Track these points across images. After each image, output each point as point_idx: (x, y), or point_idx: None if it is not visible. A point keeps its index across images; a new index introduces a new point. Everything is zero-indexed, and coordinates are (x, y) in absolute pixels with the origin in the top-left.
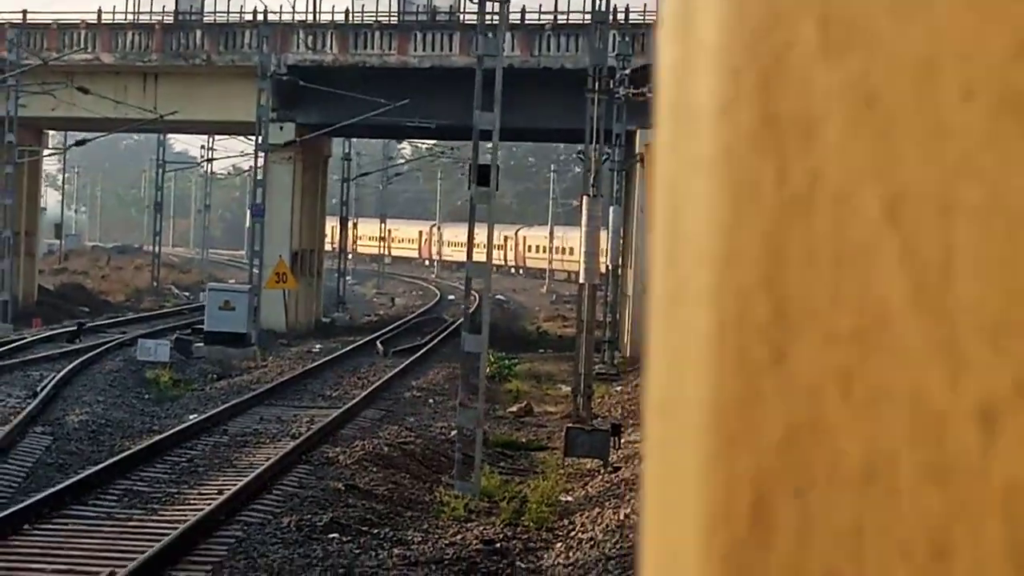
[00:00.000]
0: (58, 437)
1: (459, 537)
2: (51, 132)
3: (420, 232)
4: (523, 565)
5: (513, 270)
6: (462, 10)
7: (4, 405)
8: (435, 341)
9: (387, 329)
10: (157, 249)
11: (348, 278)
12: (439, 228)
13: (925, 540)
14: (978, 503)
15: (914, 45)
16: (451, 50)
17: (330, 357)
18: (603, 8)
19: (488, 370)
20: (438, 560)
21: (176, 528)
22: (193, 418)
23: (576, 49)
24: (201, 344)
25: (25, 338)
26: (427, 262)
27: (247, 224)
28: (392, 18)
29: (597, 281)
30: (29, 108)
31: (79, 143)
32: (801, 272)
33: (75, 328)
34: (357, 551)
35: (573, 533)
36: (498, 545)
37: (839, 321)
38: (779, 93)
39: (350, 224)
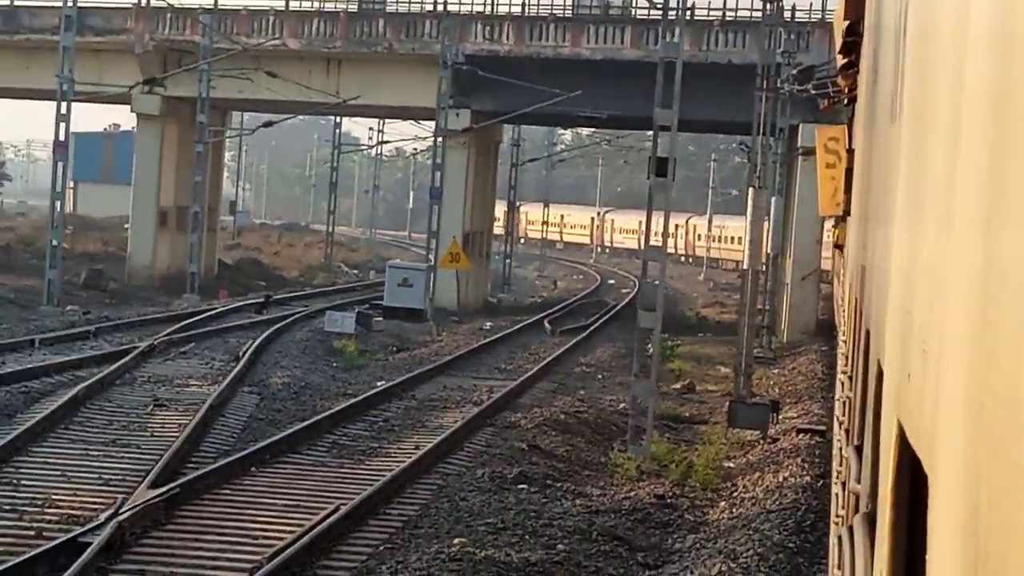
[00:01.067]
0: (264, 396)
1: (633, 493)
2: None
3: (592, 219)
4: (691, 518)
5: (683, 258)
6: (635, 5)
7: (211, 367)
8: (600, 322)
9: (552, 310)
10: (331, 228)
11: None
12: (608, 215)
13: None
14: None
15: None
16: (622, 43)
17: (501, 334)
18: (773, 10)
19: (650, 351)
20: (616, 510)
21: (384, 476)
22: (382, 384)
23: (743, 45)
24: (380, 318)
25: (216, 308)
26: (598, 248)
27: (410, 205)
28: (567, 11)
29: (760, 268)
30: (218, 90)
31: (267, 124)
32: None
33: (262, 300)
34: (544, 500)
35: (736, 493)
36: (669, 500)
37: None
38: None
39: (520, 209)
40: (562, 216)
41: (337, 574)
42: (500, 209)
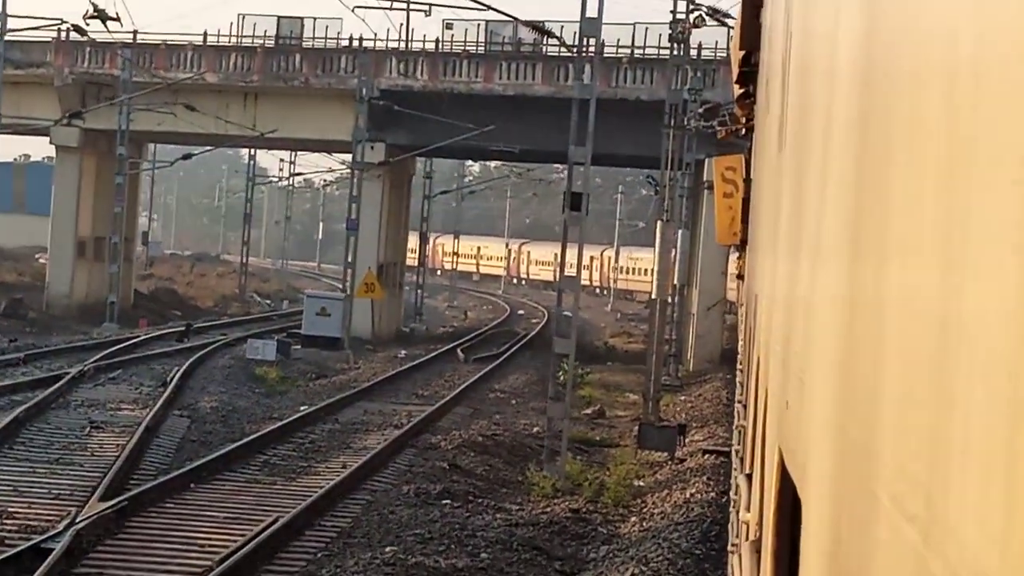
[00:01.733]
0: (194, 419)
1: (549, 508)
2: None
3: (509, 250)
4: (604, 531)
5: (598, 290)
6: (545, 43)
7: (140, 392)
8: (512, 351)
9: (464, 339)
10: (245, 259)
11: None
12: (524, 246)
13: None
14: None
15: None
16: (534, 79)
17: (417, 362)
18: (679, 52)
19: (562, 377)
20: (534, 523)
21: (317, 491)
22: (305, 408)
23: (651, 82)
24: (299, 346)
25: (138, 336)
26: (515, 280)
27: (319, 236)
28: (480, 48)
29: (667, 298)
30: (137, 123)
31: (186, 157)
32: None
33: (183, 329)
34: (466, 514)
35: (645, 508)
36: (583, 514)
37: None
38: None
39: (434, 240)
40: (478, 248)
41: None
42: (412, 240)
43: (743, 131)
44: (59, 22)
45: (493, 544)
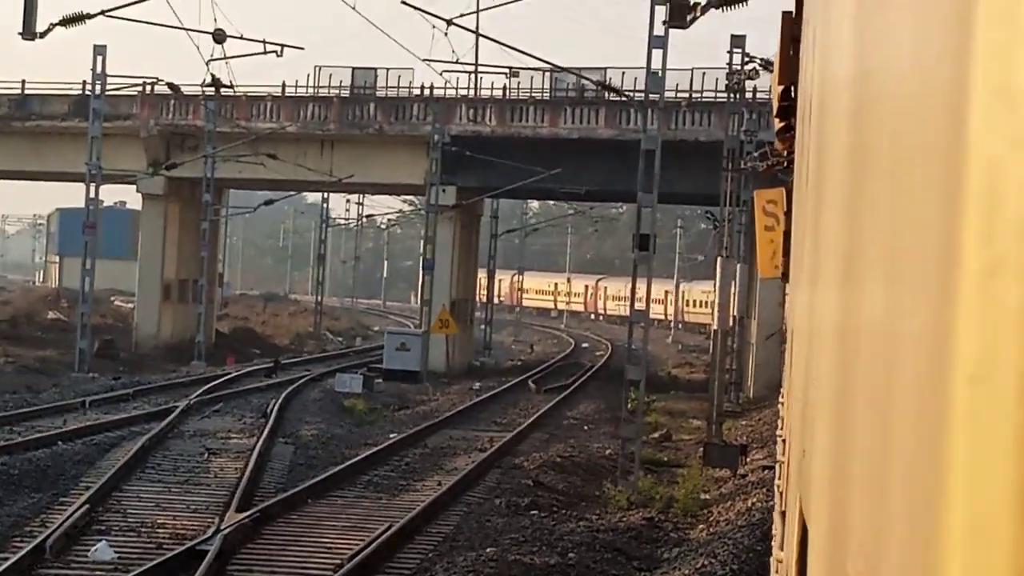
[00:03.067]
0: (298, 446)
1: (625, 518)
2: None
3: (586, 287)
4: (675, 535)
5: (672, 323)
6: (608, 86)
7: (244, 423)
8: (580, 381)
9: (532, 372)
10: (320, 298)
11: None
12: (601, 283)
13: None
14: None
15: None
16: (597, 123)
17: (491, 393)
18: (736, 98)
19: (630, 405)
20: (613, 529)
21: (420, 503)
22: (394, 436)
23: (708, 124)
24: (381, 380)
25: (230, 373)
26: (592, 316)
27: (384, 274)
28: (545, 94)
29: (728, 329)
30: (219, 170)
31: (268, 203)
32: None
33: (272, 365)
34: (552, 522)
35: (712, 517)
36: (656, 522)
37: None
38: None
39: (512, 278)
40: (556, 284)
41: (401, 573)
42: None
43: (785, 164)
44: (155, 81)
45: (578, 546)
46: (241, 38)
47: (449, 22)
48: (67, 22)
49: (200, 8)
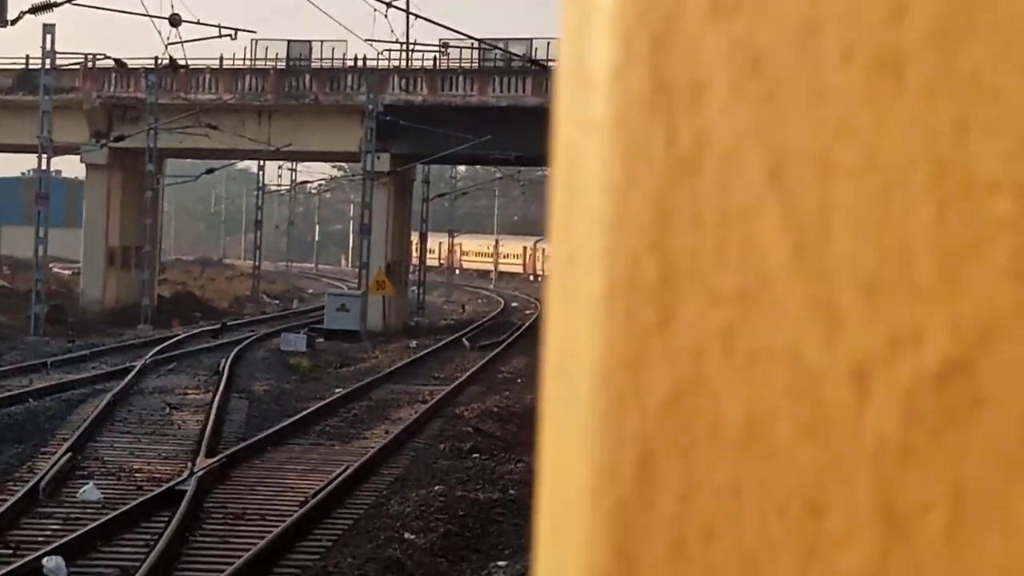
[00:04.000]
0: (251, 400)
1: None
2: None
3: (524, 248)
4: None
5: None
6: (534, 57)
7: (199, 380)
8: (512, 338)
9: (466, 330)
10: (258, 262)
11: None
12: (540, 244)
13: (800, 497)
14: (851, 460)
15: (798, 7)
16: (524, 91)
17: (428, 350)
18: None
19: None
20: None
21: (371, 449)
22: (339, 391)
23: None
24: (322, 339)
25: (178, 335)
26: (531, 277)
27: (316, 238)
28: (474, 64)
29: None
30: (160, 140)
31: (209, 171)
32: (688, 234)
33: (218, 327)
34: (493, 464)
35: None
36: None
37: (722, 282)
38: (669, 57)
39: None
40: (494, 246)
41: (358, 509)
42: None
43: None
44: (98, 56)
45: (518, 484)
46: (198, 23)
47: (389, 4)
48: (36, 10)
49: None
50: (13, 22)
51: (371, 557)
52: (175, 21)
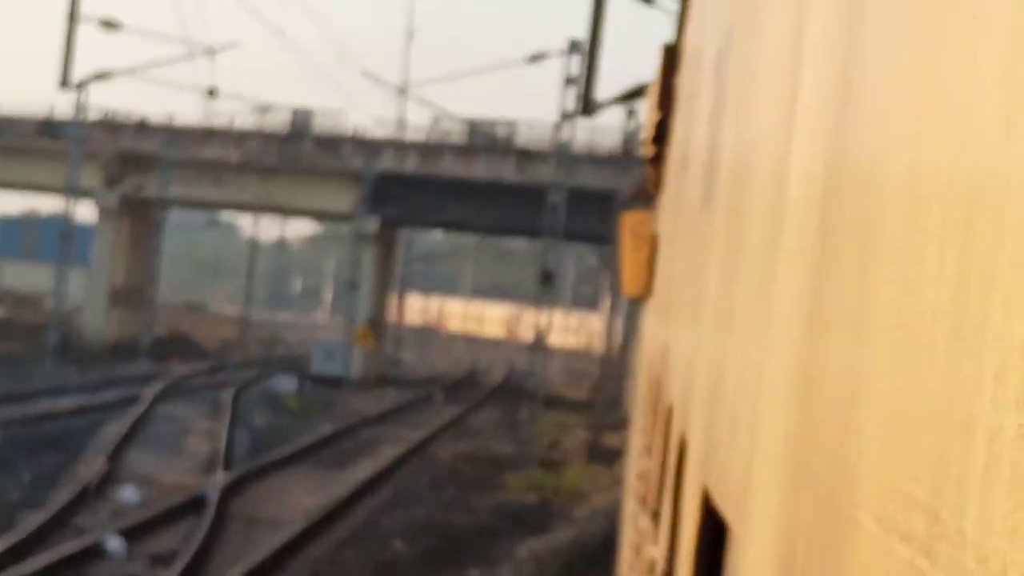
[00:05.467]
0: (254, 432)
1: (523, 498)
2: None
3: (511, 314)
4: (562, 512)
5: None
6: (517, 137)
7: (205, 414)
8: (482, 396)
9: (437, 385)
10: (247, 310)
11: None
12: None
13: None
14: None
15: None
16: (505, 169)
17: (405, 401)
18: (631, 150)
19: (528, 413)
20: (514, 504)
21: (363, 477)
22: (329, 428)
23: (607, 174)
24: (308, 383)
25: (178, 372)
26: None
27: (298, 290)
28: (463, 141)
29: (612, 354)
30: (168, 191)
31: (211, 223)
32: None
33: (216, 367)
34: (467, 497)
35: (591, 501)
36: (547, 502)
37: None
38: None
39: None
40: (481, 312)
41: (353, 523)
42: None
43: (654, 190)
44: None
45: (489, 513)
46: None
47: (401, 90)
48: (99, 77)
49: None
50: (78, 87)
51: (369, 558)
52: (212, 93)
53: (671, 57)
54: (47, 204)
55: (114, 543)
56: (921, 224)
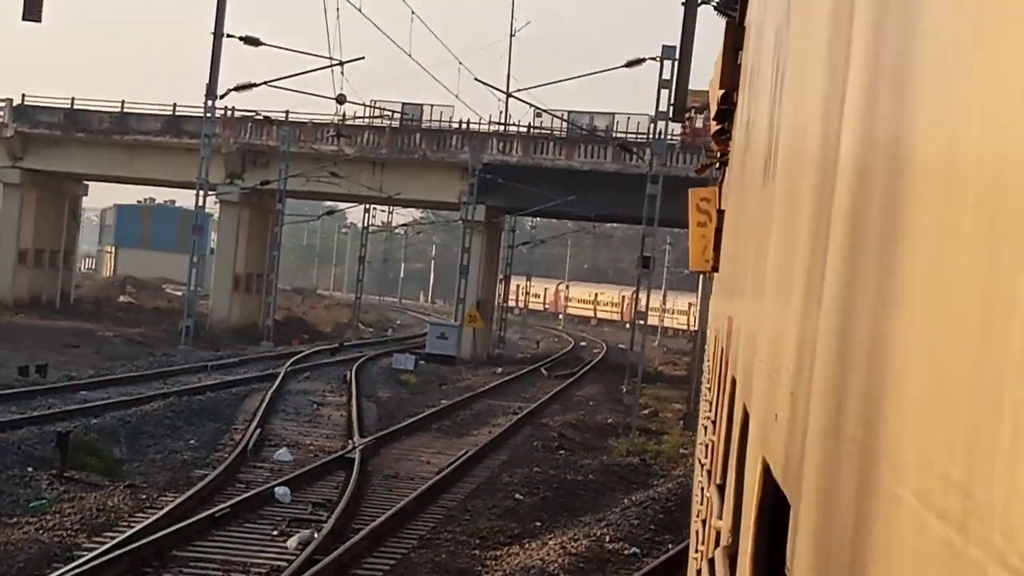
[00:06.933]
0: (379, 404)
1: (625, 460)
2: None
3: (623, 297)
4: (661, 471)
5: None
6: (615, 129)
7: (332, 387)
8: (582, 371)
9: (541, 362)
10: (359, 294)
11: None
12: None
13: None
14: None
15: None
16: (605, 158)
17: (512, 376)
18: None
19: (626, 388)
20: (618, 464)
21: (481, 442)
22: (445, 402)
23: (698, 161)
24: (423, 362)
25: (301, 351)
26: (627, 325)
27: (401, 275)
28: (562, 132)
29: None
30: (287, 183)
31: (329, 213)
32: None
33: (336, 346)
34: (575, 459)
35: (690, 463)
36: (647, 463)
37: None
38: None
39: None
40: (595, 295)
41: (477, 479)
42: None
43: (718, 164)
44: (254, 113)
45: (595, 471)
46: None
47: (509, 95)
48: (240, 88)
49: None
50: (222, 96)
51: (495, 505)
52: (341, 100)
53: (735, 33)
54: (160, 195)
55: (281, 490)
56: (955, 203)
